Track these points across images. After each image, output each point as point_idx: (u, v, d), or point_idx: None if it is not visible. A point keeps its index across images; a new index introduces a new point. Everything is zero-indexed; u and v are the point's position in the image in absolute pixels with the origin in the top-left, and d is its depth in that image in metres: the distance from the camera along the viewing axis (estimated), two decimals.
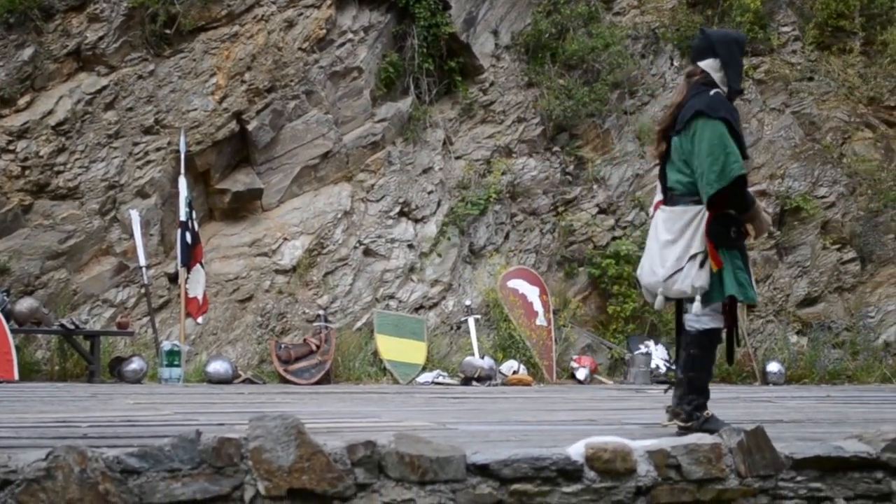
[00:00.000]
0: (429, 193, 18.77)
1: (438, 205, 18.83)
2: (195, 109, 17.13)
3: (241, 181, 17.56)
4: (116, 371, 15.57)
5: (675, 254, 7.79)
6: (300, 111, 17.89)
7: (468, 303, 18.21)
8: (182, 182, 16.47)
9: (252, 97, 17.43)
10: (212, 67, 17.33)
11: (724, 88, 7.93)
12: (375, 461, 4.86)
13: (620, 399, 13.77)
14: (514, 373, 17.22)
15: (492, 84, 19.83)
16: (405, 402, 12.21)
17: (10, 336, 15.00)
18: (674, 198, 7.93)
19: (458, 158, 19.35)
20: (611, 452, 5.13)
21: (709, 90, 7.87)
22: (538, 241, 19.41)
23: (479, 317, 18.22)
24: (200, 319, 16.47)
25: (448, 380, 16.89)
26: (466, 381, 16.74)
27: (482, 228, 19.01)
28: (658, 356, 18.47)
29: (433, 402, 12.36)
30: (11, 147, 16.32)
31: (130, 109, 16.96)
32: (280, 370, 16.26)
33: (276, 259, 17.40)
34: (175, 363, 15.53)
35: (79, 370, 15.81)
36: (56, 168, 16.43)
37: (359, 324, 17.59)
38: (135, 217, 16.47)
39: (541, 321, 18.29)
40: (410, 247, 18.38)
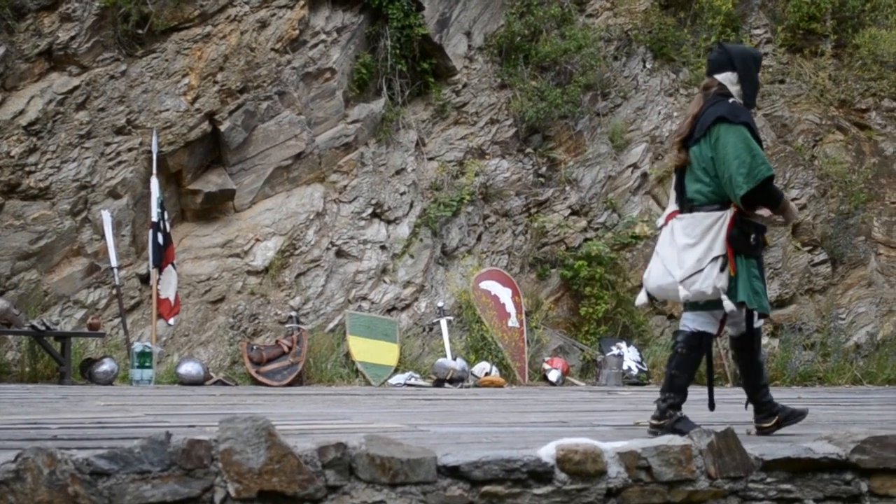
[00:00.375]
0: (401, 195, 18.77)
1: (411, 206, 18.82)
2: (167, 110, 17.07)
3: (214, 182, 17.51)
4: (87, 372, 15.51)
5: (696, 256, 7.91)
6: (273, 112, 17.86)
7: (440, 304, 18.21)
8: (154, 183, 16.42)
9: (224, 98, 17.39)
10: (184, 68, 17.28)
11: (740, 101, 8.05)
12: (346, 463, 4.85)
13: (592, 401, 13.78)
14: (487, 374, 17.22)
15: (465, 85, 19.85)
16: (377, 404, 12.20)
17: None
18: (694, 207, 8.06)
19: (431, 160, 19.35)
20: (581, 454, 5.13)
21: (726, 100, 8.01)
22: (511, 243, 19.42)
23: (452, 318, 18.22)
24: (172, 321, 16.41)
25: (420, 381, 16.88)
26: (438, 383, 16.74)
27: (455, 230, 19.02)
28: (630, 358, 18.50)
29: (405, 404, 12.35)
30: None
31: (102, 109, 16.89)
32: (252, 372, 16.22)
33: (249, 260, 17.36)
34: (146, 365, 15.48)
35: (49, 371, 15.74)
36: (27, 168, 16.35)
37: (331, 325, 17.57)
38: (106, 218, 16.41)
39: (513, 323, 18.30)
40: (383, 248, 18.37)
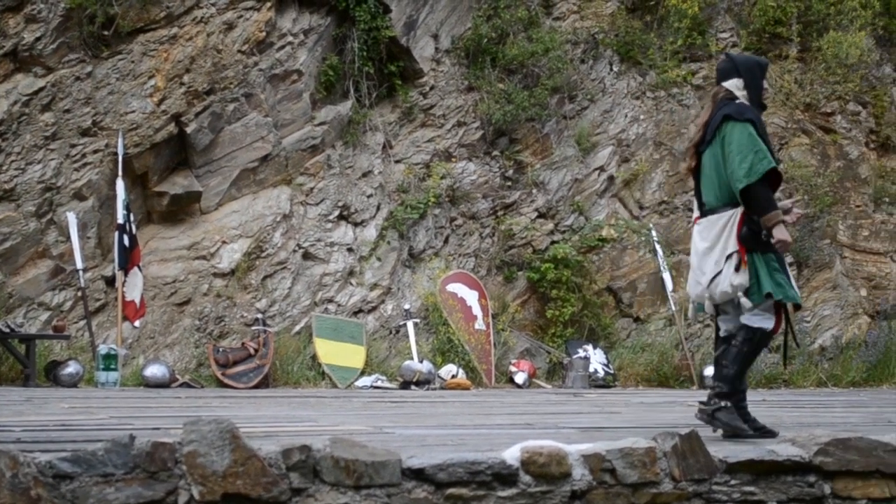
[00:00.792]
0: (368, 197, 18.76)
1: (378, 208, 18.82)
2: (133, 111, 17.01)
3: (180, 184, 17.46)
4: (52, 375, 15.43)
5: (714, 258, 8.07)
6: (239, 114, 17.82)
7: (407, 307, 18.21)
8: (120, 184, 16.37)
9: (191, 99, 17.34)
10: (150, 69, 17.22)
11: (748, 104, 8.25)
12: (310, 465, 4.84)
13: (558, 403, 13.80)
14: (453, 377, 17.23)
15: (432, 88, 19.86)
16: (343, 406, 12.18)
17: None
18: (707, 211, 8.22)
19: (398, 162, 19.35)
20: (546, 456, 5.13)
21: (734, 100, 8.23)
22: (477, 245, 19.43)
23: (418, 321, 18.22)
24: (138, 323, 16.36)
25: (386, 384, 16.88)
26: (405, 385, 16.74)
27: (422, 232, 19.02)
28: (596, 360, 18.54)
29: (371, 406, 12.34)
30: None
31: (68, 111, 16.82)
32: (218, 374, 16.18)
33: (215, 262, 17.32)
34: (112, 367, 15.42)
35: (14, 374, 15.66)
36: None
37: (297, 327, 17.54)
38: (72, 219, 16.34)
39: (480, 325, 18.32)
40: (350, 250, 18.36)
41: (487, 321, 18.45)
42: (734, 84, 8.33)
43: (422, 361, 17.28)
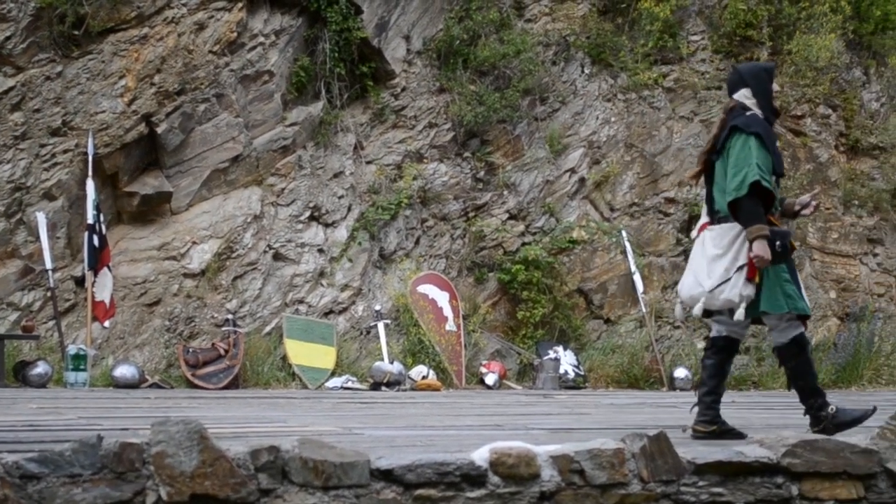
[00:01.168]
0: (339, 198, 18.74)
1: (349, 209, 18.80)
2: (104, 111, 16.95)
3: (150, 184, 17.41)
4: (21, 375, 15.36)
5: (723, 265, 8.24)
6: (210, 114, 17.77)
7: (378, 308, 18.19)
8: (90, 185, 16.30)
9: (161, 100, 17.29)
10: (121, 69, 17.16)
11: (760, 112, 8.46)
12: (279, 466, 4.83)
13: (528, 404, 13.82)
14: (424, 378, 17.23)
15: (403, 89, 19.85)
16: (313, 407, 12.18)
17: None
18: (720, 218, 8.38)
19: (369, 163, 19.33)
20: (515, 457, 5.14)
21: (745, 112, 8.43)
22: (448, 247, 19.44)
23: (389, 322, 18.21)
24: (107, 323, 16.30)
25: (357, 385, 16.85)
26: (375, 386, 16.72)
27: (393, 233, 19.01)
28: (567, 362, 18.56)
29: (341, 407, 12.34)
30: None
31: (38, 111, 16.74)
32: (188, 375, 16.14)
33: (185, 263, 17.27)
34: (81, 367, 15.36)
35: None
36: None
37: (268, 328, 17.51)
38: (41, 219, 16.26)
39: (450, 326, 18.32)
40: (320, 251, 18.33)
41: (458, 322, 18.46)
42: (743, 94, 8.52)
43: (392, 362, 17.27)
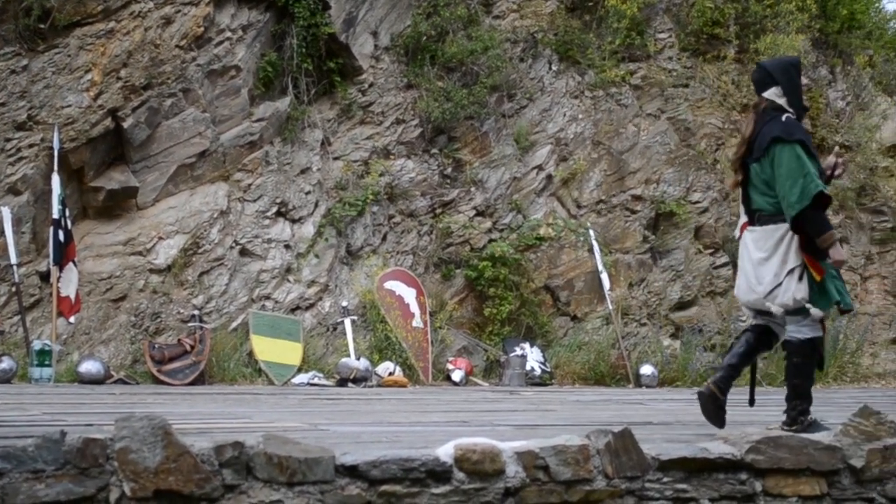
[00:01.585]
0: (306, 194, 18.70)
1: (316, 205, 18.76)
2: (69, 106, 16.86)
3: (116, 179, 17.33)
4: None
5: (772, 270, 8.30)
6: (177, 109, 17.70)
7: (345, 304, 18.17)
8: (55, 179, 16.20)
9: (128, 94, 17.21)
10: (87, 63, 17.08)
11: (791, 111, 8.49)
12: (243, 462, 4.83)
13: (494, 401, 13.84)
14: (390, 374, 17.22)
15: (371, 85, 19.83)
16: (279, 404, 12.16)
17: None
18: (763, 218, 8.43)
19: (337, 159, 19.30)
20: (479, 453, 5.15)
21: (780, 115, 8.42)
22: (415, 243, 19.43)
23: (356, 318, 18.19)
24: (72, 319, 16.22)
25: (323, 381, 16.83)
26: (342, 383, 16.70)
27: (360, 229, 18.99)
28: (533, 358, 18.58)
29: (307, 404, 12.33)
30: None
31: (2, 105, 16.64)
32: (153, 370, 16.07)
33: (151, 258, 17.20)
34: (46, 363, 15.28)
35: None
36: None
37: (234, 324, 17.46)
38: (6, 214, 16.17)
39: (417, 323, 18.31)
40: (287, 247, 18.29)
41: (425, 319, 18.45)
42: (773, 93, 8.52)
43: (359, 359, 17.25)
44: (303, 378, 16.82)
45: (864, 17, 25.24)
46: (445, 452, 5.14)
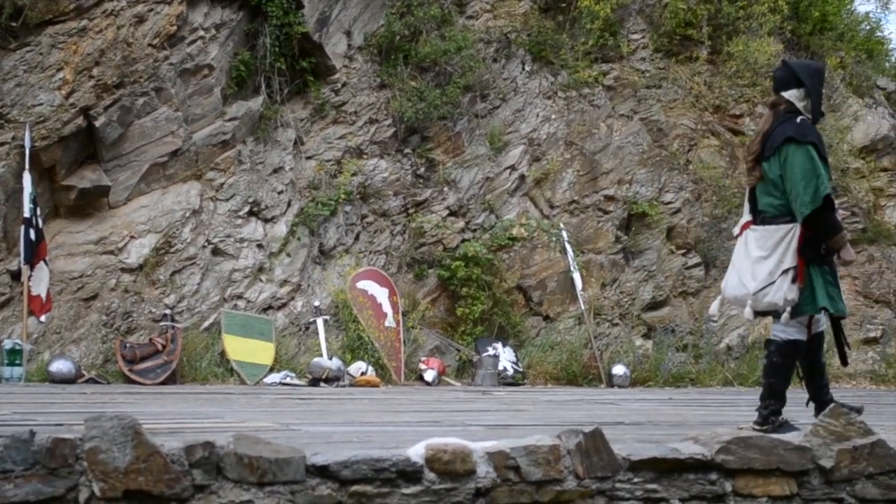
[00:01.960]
0: (279, 193, 18.67)
1: (288, 205, 18.74)
2: (41, 104, 16.80)
3: (88, 178, 17.27)
4: None
5: (768, 268, 8.37)
6: (149, 108, 17.65)
7: (317, 303, 18.16)
8: (26, 178, 16.13)
9: (100, 93, 17.15)
10: (59, 62, 17.01)
11: (808, 116, 8.49)
12: (214, 462, 4.82)
13: (466, 401, 13.84)
14: (363, 374, 17.21)
15: (344, 85, 19.81)
16: (250, 403, 12.13)
17: None
18: (765, 219, 8.52)
19: (309, 159, 19.28)
20: (450, 454, 5.15)
21: (795, 118, 8.43)
22: (388, 243, 19.42)
23: (328, 318, 18.17)
24: (44, 318, 16.16)
25: (295, 381, 16.81)
26: (314, 382, 16.68)
27: (332, 229, 18.97)
28: (506, 358, 18.59)
29: (279, 403, 12.30)
30: None
31: None
32: (125, 370, 16.03)
33: (123, 257, 17.15)
34: (16, 362, 15.23)
35: None
36: None
37: (206, 324, 17.42)
38: None
39: (390, 322, 18.30)
40: (259, 247, 18.26)
41: (397, 318, 18.44)
42: (795, 95, 8.51)
43: (331, 358, 17.24)
44: (275, 378, 16.79)
45: (836, 19, 25.35)
46: (416, 453, 5.13)
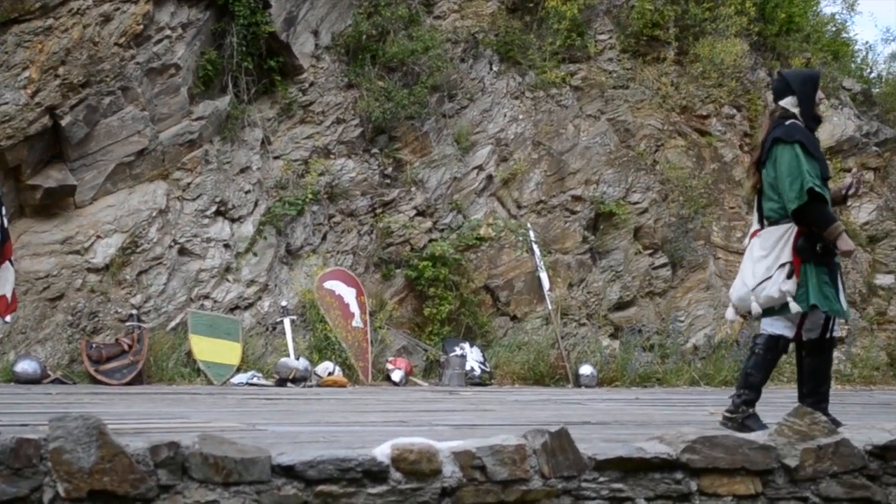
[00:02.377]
0: (246, 193, 18.64)
1: (256, 204, 18.70)
2: (6, 103, 16.70)
3: (54, 177, 17.19)
4: None
5: (766, 265, 8.60)
6: (116, 107, 17.59)
7: (284, 303, 18.13)
8: None
9: (66, 92, 17.08)
10: (24, 61, 16.92)
11: (802, 121, 8.77)
12: (179, 462, 4.80)
13: (434, 401, 13.85)
14: (330, 374, 17.20)
15: (311, 84, 19.79)
16: (217, 403, 12.12)
17: None
18: (769, 223, 8.74)
19: (277, 158, 19.25)
20: (416, 453, 5.15)
21: (785, 121, 8.76)
22: (356, 243, 19.41)
23: (295, 318, 18.15)
24: (9, 318, 15.90)
25: (262, 381, 16.79)
26: (281, 383, 16.66)
27: (299, 229, 18.95)
28: (473, 358, 18.61)
29: (245, 404, 12.29)
30: None
31: None
32: (91, 370, 15.98)
33: (89, 257, 17.08)
34: None
35: None
36: None
37: (173, 324, 17.38)
38: None
39: (357, 323, 18.29)
40: (226, 246, 18.22)
41: (365, 319, 18.43)
42: (789, 102, 8.84)
43: (298, 359, 17.22)
44: (241, 378, 16.77)
45: (802, 21, 25.48)
46: (382, 452, 5.13)
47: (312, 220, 19.07)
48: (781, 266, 8.49)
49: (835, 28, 27.42)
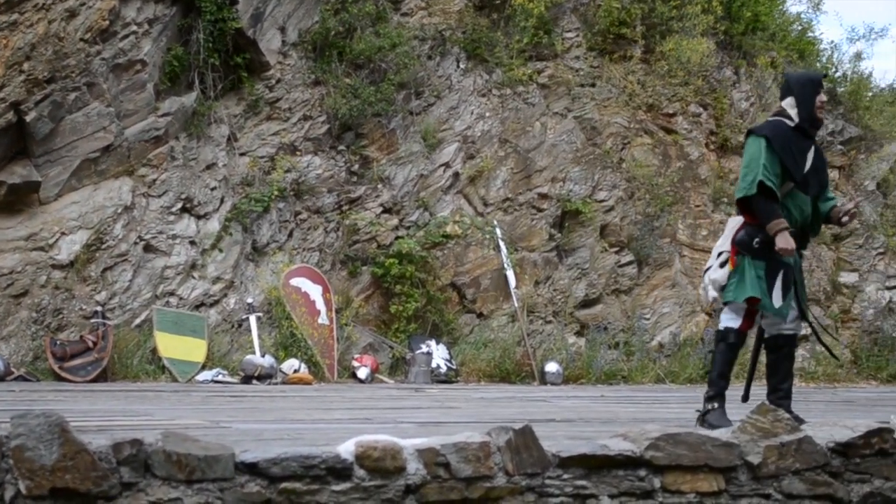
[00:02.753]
0: (212, 189, 18.59)
1: (222, 201, 18.65)
2: None
3: (18, 173, 17.10)
4: None
5: (716, 252, 8.88)
6: (81, 103, 17.50)
7: (250, 300, 18.09)
8: None
9: (31, 88, 16.98)
10: None
11: (797, 120, 8.84)
12: (142, 460, 4.79)
13: (399, 398, 13.86)
14: (295, 371, 17.17)
15: (278, 81, 19.74)
16: (181, 401, 12.09)
17: None
18: (737, 213, 9.02)
19: (243, 155, 19.21)
20: (380, 451, 5.15)
21: (776, 116, 8.97)
22: (322, 240, 19.38)
23: (261, 315, 18.12)
24: None
25: (228, 378, 16.75)
26: (246, 380, 16.63)
27: (266, 226, 18.91)
28: (439, 356, 18.62)
29: (210, 401, 12.27)
30: None
31: None
32: (55, 367, 15.92)
33: (53, 254, 17.00)
34: None
35: None
36: None
37: (138, 321, 17.32)
38: None
39: (323, 320, 18.27)
40: (192, 243, 18.17)
41: (331, 316, 18.41)
42: (788, 103, 8.96)
43: (264, 356, 17.20)
44: (207, 375, 16.72)
45: (768, 20, 25.56)
46: (346, 450, 5.13)
47: (279, 217, 19.03)
48: (718, 255, 8.73)
49: (800, 27, 27.50)
